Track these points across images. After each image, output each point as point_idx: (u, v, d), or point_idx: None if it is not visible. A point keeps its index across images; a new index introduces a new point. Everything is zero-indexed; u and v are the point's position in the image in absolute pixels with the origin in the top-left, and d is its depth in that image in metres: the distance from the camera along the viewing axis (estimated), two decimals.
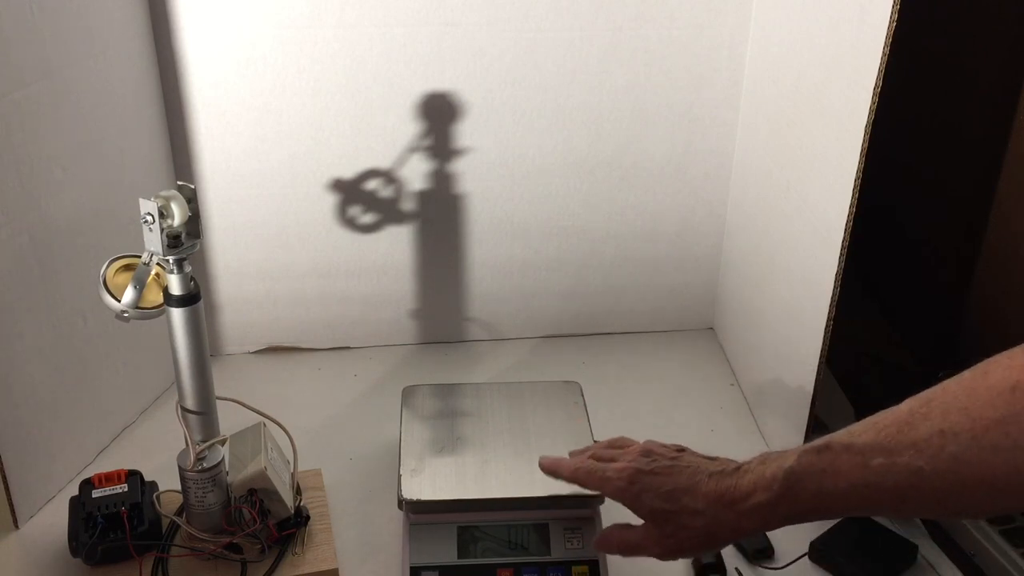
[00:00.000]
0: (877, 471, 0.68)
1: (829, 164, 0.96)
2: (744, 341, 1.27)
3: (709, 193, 1.30)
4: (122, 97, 1.08)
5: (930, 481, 0.66)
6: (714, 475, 0.78)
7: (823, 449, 0.71)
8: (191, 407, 0.92)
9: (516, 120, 1.22)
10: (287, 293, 1.30)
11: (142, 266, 0.85)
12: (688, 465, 0.81)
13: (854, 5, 0.91)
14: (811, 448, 0.72)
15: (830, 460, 0.71)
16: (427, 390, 1.07)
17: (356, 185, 1.23)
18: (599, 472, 0.85)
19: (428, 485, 0.93)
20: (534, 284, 1.34)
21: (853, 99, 0.89)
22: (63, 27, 0.98)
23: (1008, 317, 1.09)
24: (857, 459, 0.69)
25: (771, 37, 1.15)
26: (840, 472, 0.70)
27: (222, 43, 1.14)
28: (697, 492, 0.78)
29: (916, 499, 0.68)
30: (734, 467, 0.78)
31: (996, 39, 1.12)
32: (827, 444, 0.71)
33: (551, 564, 0.91)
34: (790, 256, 1.09)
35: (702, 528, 0.78)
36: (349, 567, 0.96)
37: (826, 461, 0.71)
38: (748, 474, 0.76)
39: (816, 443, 0.72)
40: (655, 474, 0.81)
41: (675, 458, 0.83)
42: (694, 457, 0.83)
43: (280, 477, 0.96)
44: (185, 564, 0.94)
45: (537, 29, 1.18)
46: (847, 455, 0.70)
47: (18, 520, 1.01)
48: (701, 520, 0.78)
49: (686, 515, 0.78)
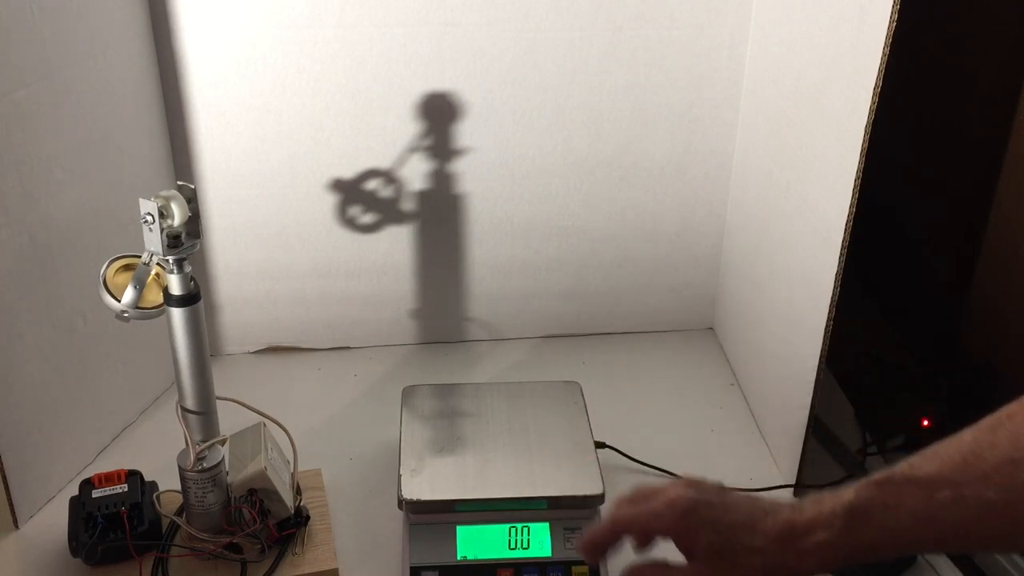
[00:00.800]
0: (944, 504, 0.65)
1: (829, 164, 0.96)
2: (744, 341, 1.27)
3: (709, 193, 1.30)
4: (122, 97, 1.08)
5: (1001, 512, 0.64)
6: (771, 512, 0.71)
7: (884, 483, 0.67)
8: (191, 407, 0.92)
9: (516, 120, 1.23)
10: (287, 293, 1.30)
11: (142, 266, 0.85)
12: (743, 500, 0.74)
13: (854, 5, 0.91)
14: (871, 482, 0.68)
15: (893, 493, 0.67)
16: (427, 390, 1.07)
17: (356, 185, 1.23)
18: (646, 511, 0.74)
19: (428, 485, 0.93)
20: (534, 284, 1.34)
21: (853, 99, 0.89)
22: (63, 27, 0.98)
23: (1008, 317, 1.09)
24: (922, 492, 0.66)
25: (771, 37, 1.15)
26: (903, 506, 0.66)
27: (222, 43, 1.14)
28: (756, 529, 0.70)
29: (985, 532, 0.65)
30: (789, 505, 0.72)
31: (996, 39, 1.12)
32: (888, 477, 0.68)
33: (551, 564, 0.91)
34: (790, 256, 1.09)
35: (759, 568, 0.70)
36: (349, 567, 0.96)
37: (888, 494, 0.67)
38: (806, 512, 0.70)
39: (876, 477, 0.68)
40: (711, 506, 0.72)
41: (724, 491, 0.75)
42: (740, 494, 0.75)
43: (280, 477, 0.96)
44: (185, 564, 0.94)
45: (537, 29, 1.18)
46: (910, 488, 0.66)
47: (18, 520, 1.01)
48: (759, 560, 0.70)
49: (743, 553, 0.70)
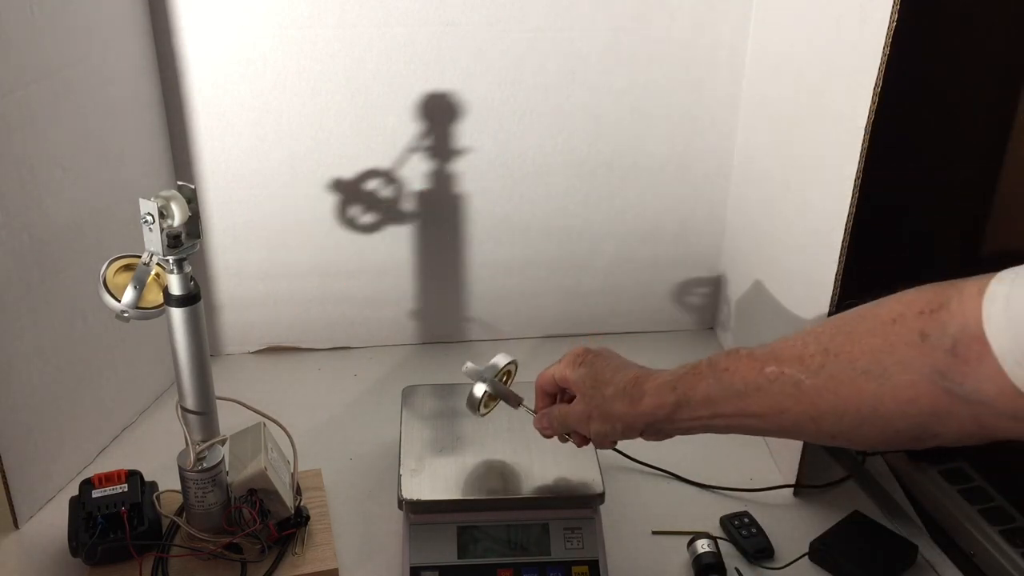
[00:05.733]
0: (768, 377, 0.72)
1: (829, 164, 0.96)
2: (744, 341, 1.27)
3: (709, 193, 1.30)
4: (122, 97, 1.08)
5: (808, 396, 0.70)
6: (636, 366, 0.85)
7: (732, 352, 0.77)
8: (191, 407, 0.92)
9: (516, 120, 1.23)
10: (287, 293, 1.30)
11: (142, 266, 0.85)
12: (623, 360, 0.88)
13: (854, 5, 0.91)
14: (722, 352, 0.78)
15: (733, 360, 0.76)
16: (427, 390, 1.07)
17: (356, 185, 1.23)
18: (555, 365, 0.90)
19: (428, 485, 0.93)
20: (534, 284, 1.34)
21: (853, 99, 0.89)
22: (63, 27, 0.98)
23: None
24: (755, 364, 0.74)
25: (771, 37, 1.15)
26: (737, 372, 0.75)
27: (222, 43, 1.14)
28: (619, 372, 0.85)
29: (794, 412, 0.71)
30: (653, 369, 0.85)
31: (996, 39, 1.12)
32: (736, 349, 0.77)
33: (551, 564, 0.91)
34: (790, 256, 1.09)
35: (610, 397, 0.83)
36: (349, 567, 0.96)
37: (730, 360, 0.76)
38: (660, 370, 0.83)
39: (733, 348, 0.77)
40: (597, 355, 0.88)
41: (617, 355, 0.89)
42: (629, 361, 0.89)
43: (280, 477, 0.96)
44: (185, 564, 0.94)
45: (537, 29, 1.18)
46: (748, 359, 0.75)
47: (18, 520, 1.01)
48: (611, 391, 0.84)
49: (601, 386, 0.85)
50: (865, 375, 0.66)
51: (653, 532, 1.01)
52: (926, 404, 0.64)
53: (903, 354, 0.65)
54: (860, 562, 0.95)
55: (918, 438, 0.69)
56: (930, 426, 0.66)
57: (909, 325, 0.65)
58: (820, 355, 0.69)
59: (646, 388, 0.81)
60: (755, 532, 0.99)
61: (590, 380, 0.86)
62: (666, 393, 0.79)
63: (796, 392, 0.70)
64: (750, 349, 0.76)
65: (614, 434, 0.86)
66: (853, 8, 0.91)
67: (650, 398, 0.80)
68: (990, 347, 0.59)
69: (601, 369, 0.86)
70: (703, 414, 0.78)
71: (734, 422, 0.77)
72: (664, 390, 0.80)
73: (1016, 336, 0.58)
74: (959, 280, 0.63)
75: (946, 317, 0.62)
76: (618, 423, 0.84)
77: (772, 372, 0.72)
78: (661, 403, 0.80)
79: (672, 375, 0.80)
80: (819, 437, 0.78)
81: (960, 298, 0.62)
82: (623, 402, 0.83)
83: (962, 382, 0.62)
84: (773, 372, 0.72)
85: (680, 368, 0.81)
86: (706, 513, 1.03)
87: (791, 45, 1.08)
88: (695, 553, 0.96)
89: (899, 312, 0.66)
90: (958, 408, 0.63)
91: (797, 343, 0.72)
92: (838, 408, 0.69)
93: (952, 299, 0.62)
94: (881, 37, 0.84)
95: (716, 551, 0.95)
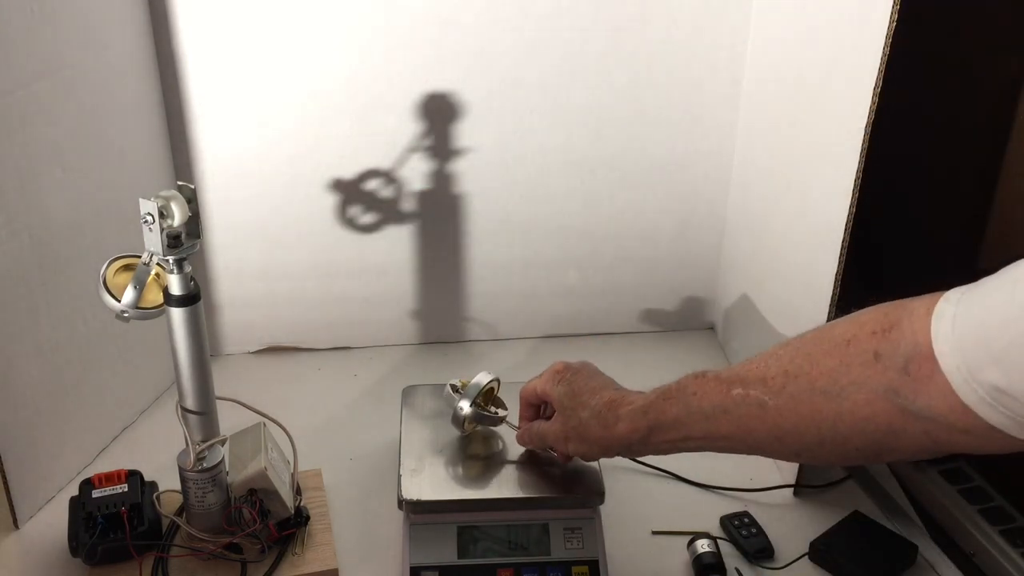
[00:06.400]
0: (735, 399, 0.74)
1: (829, 164, 0.96)
2: (744, 341, 1.27)
3: (709, 193, 1.30)
4: (122, 97, 1.08)
5: (772, 416, 0.72)
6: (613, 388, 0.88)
7: (699, 376, 0.79)
8: (191, 407, 0.92)
9: (516, 120, 1.22)
10: (287, 293, 1.30)
11: (142, 266, 0.85)
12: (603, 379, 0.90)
13: (854, 5, 0.91)
14: (690, 375, 0.80)
15: (701, 384, 0.78)
16: (427, 390, 1.07)
17: (356, 185, 1.23)
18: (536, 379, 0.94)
19: (428, 485, 0.93)
20: (534, 284, 1.34)
21: (853, 99, 0.89)
22: (63, 27, 0.98)
23: None
24: (722, 386, 0.76)
25: (771, 37, 1.14)
26: (706, 394, 0.77)
27: (222, 43, 1.14)
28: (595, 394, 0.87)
29: (760, 432, 0.73)
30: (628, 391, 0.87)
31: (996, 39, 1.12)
32: (704, 372, 0.79)
33: (551, 564, 0.91)
34: (790, 256, 1.09)
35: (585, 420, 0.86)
36: (349, 567, 0.96)
37: (698, 384, 0.78)
38: (633, 393, 0.86)
39: (701, 371, 0.80)
40: (576, 372, 0.91)
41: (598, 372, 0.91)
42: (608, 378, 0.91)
43: (280, 477, 0.96)
44: (185, 564, 0.94)
45: (537, 29, 1.18)
46: (715, 382, 0.77)
47: (18, 520, 1.01)
48: (587, 414, 0.86)
49: (578, 408, 0.87)
50: (824, 395, 0.69)
51: (653, 532, 1.01)
52: (882, 422, 0.66)
53: (858, 374, 0.67)
54: (860, 562, 0.95)
55: (877, 454, 0.73)
56: (886, 442, 0.68)
57: (863, 346, 0.67)
58: (781, 376, 0.72)
59: (620, 413, 0.83)
60: (755, 532, 0.99)
61: (568, 400, 0.89)
62: (639, 418, 0.82)
63: (761, 413, 0.73)
64: (716, 372, 0.78)
65: (591, 455, 0.90)
66: (853, 8, 0.91)
67: (624, 423, 0.83)
68: (939, 365, 0.61)
69: (579, 390, 0.88)
70: (674, 436, 0.80)
71: (705, 443, 0.80)
72: (637, 415, 0.82)
73: (964, 354, 0.60)
74: (909, 299, 0.66)
75: (897, 337, 0.65)
76: (594, 445, 0.87)
77: (738, 394, 0.74)
78: (635, 428, 0.82)
79: (644, 400, 0.83)
80: (784, 455, 0.83)
81: (910, 318, 0.64)
82: (598, 426, 0.85)
83: (915, 399, 0.64)
84: (739, 394, 0.74)
85: (652, 392, 0.83)
86: (706, 513, 1.03)
87: (791, 45, 1.08)
88: (695, 553, 0.96)
89: (853, 333, 0.68)
90: (912, 425, 0.65)
91: (761, 365, 0.74)
92: (800, 427, 0.71)
93: (903, 319, 0.65)
94: (881, 37, 0.84)
95: (716, 551, 0.95)
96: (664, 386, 0.82)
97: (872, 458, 0.72)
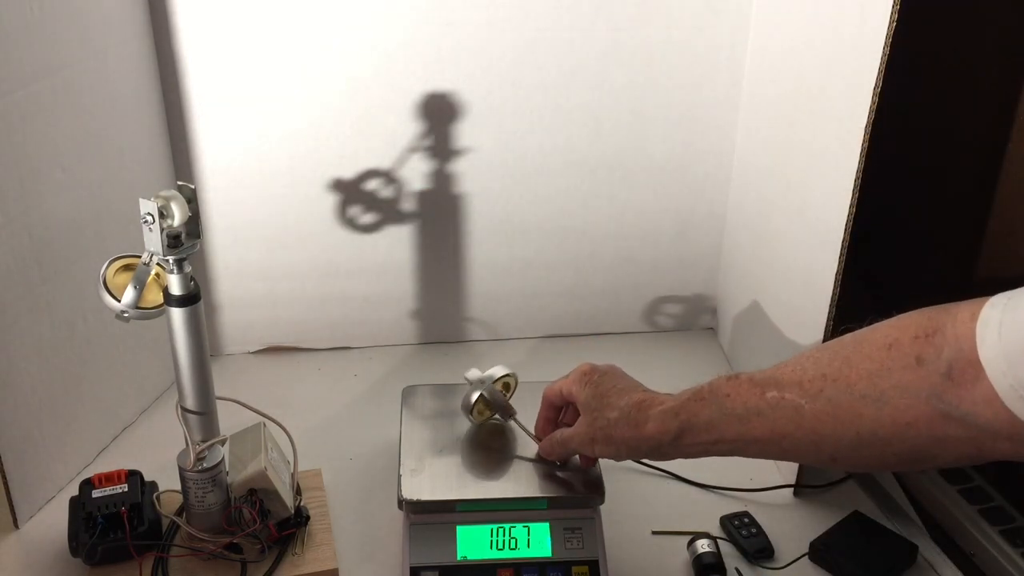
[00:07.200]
0: (769, 402, 0.73)
1: (829, 164, 0.96)
2: (744, 341, 1.27)
3: (709, 193, 1.30)
4: (122, 97, 1.08)
5: (808, 421, 0.71)
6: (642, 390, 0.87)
7: (732, 377, 0.78)
8: (191, 407, 0.92)
9: (516, 120, 1.22)
10: (287, 293, 1.30)
11: (142, 266, 0.85)
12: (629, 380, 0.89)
13: (854, 5, 0.91)
14: (724, 376, 0.80)
15: (734, 386, 0.77)
16: (427, 390, 1.07)
17: (356, 185, 1.23)
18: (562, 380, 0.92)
19: (428, 485, 0.93)
20: (534, 284, 1.34)
21: (853, 99, 0.89)
22: (63, 27, 0.98)
23: None
24: (756, 389, 0.75)
25: (771, 37, 1.14)
26: (739, 396, 0.76)
27: (222, 43, 1.14)
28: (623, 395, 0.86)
29: (796, 436, 0.72)
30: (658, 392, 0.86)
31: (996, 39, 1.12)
32: (738, 374, 0.78)
33: (551, 564, 0.91)
34: (790, 256, 1.09)
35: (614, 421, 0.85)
36: (349, 567, 0.96)
37: (731, 386, 0.78)
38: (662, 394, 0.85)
39: (731, 373, 0.79)
40: (603, 373, 0.90)
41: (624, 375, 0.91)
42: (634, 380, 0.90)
43: (280, 477, 0.96)
44: (185, 564, 0.94)
45: (537, 29, 1.18)
46: (749, 384, 0.76)
47: (18, 520, 1.01)
48: (616, 415, 0.85)
49: (606, 409, 0.86)
50: (863, 399, 0.68)
51: (653, 532, 1.01)
52: (924, 427, 0.66)
53: (900, 378, 0.66)
54: (860, 562, 0.95)
55: (917, 460, 0.71)
56: (928, 449, 0.67)
57: (905, 350, 0.66)
58: (819, 380, 0.71)
59: (650, 414, 0.82)
60: (755, 532, 0.99)
61: (595, 401, 0.87)
62: (669, 419, 0.81)
63: (797, 417, 0.72)
64: (750, 374, 0.77)
65: (618, 456, 0.88)
66: (853, 8, 0.91)
67: (653, 424, 0.82)
68: (984, 371, 0.61)
69: (606, 391, 0.87)
70: (705, 439, 0.79)
71: (736, 447, 0.79)
72: (667, 416, 0.81)
73: (1010, 360, 0.59)
74: (951, 304, 0.65)
75: (941, 341, 0.64)
76: (622, 447, 0.85)
77: (773, 397, 0.73)
78: (665, 429, 0.81)
79: (676, 401, 0.82)
80: (820, 460, 0.81)
81: (954, 323, 0.64)
82: (627, 427, 0.84)
83: (958, 405, 0.63)
84: (774, 397, 0.73)
85: (683, 393, 0.82)
86: (706, 513, 1.03)
87: (791, 45, 1.08)
88: (695, 553, 0.96)
89: (895, 337, 0.67)
90: (955, 431, 0.64)
91: (796, 367, 0.73)
92: (838, 432, 0.70)
93: (946, 324, 0.64)
94: (881, 37, 0.84)
95: (716, 551, 0.95)
96: (695, 387, 0.81)
97: (910, 464, 0.70)
